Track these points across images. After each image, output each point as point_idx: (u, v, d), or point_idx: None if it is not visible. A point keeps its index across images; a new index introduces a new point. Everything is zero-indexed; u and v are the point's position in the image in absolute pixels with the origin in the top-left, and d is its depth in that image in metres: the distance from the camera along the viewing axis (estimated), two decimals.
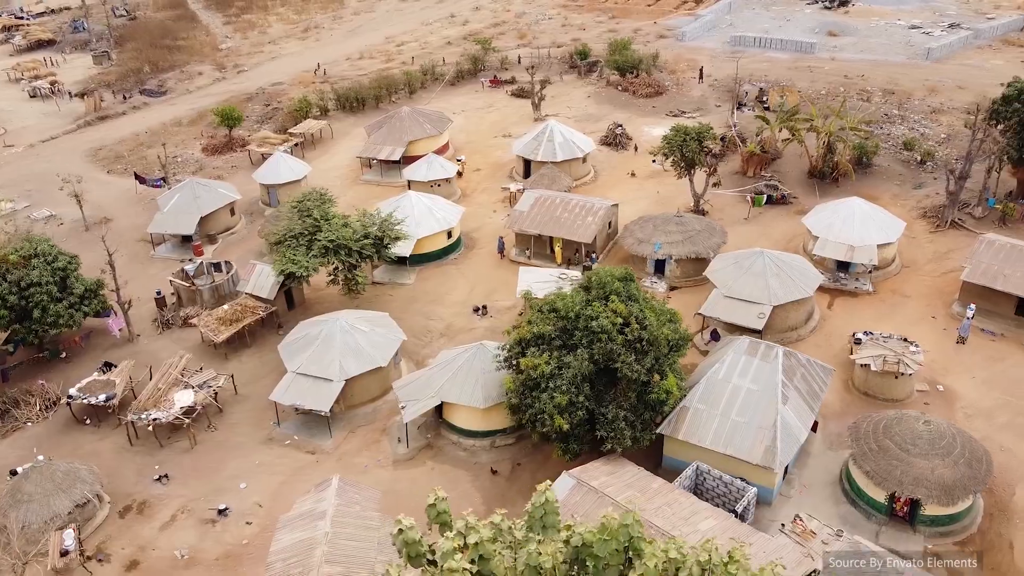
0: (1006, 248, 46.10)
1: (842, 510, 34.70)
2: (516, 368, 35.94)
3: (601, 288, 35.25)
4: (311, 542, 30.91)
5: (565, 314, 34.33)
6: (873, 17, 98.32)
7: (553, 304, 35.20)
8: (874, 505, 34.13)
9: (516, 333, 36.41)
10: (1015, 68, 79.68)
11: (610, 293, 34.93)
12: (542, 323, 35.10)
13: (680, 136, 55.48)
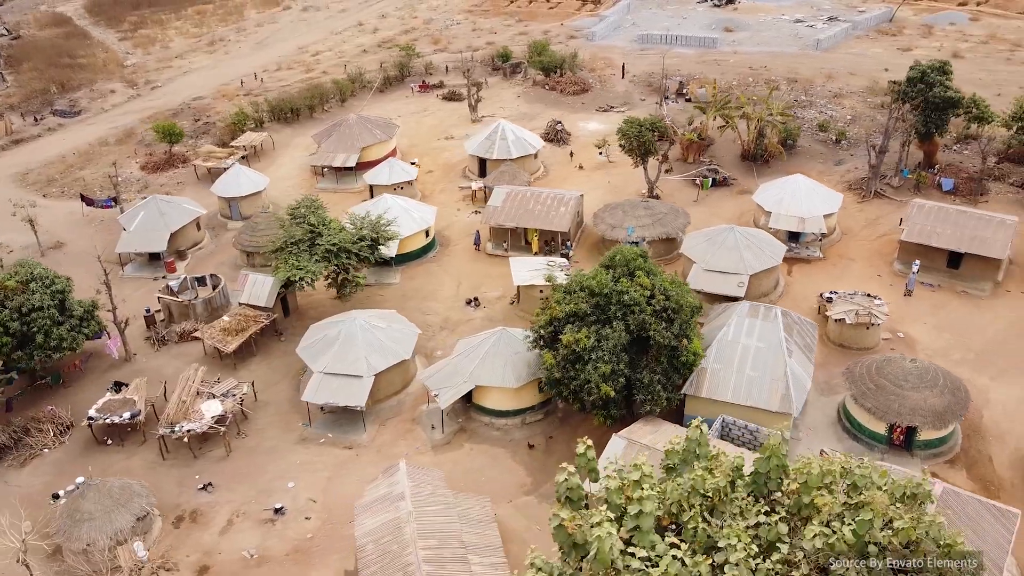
0: (935, 210, 52.73)
1: (847, 445, 39.44)
2: (550, 345, 38.79)
3: (625, 266, 38.59)
4: (398, 521, 32.77)
5: (599, 291, 37.44)
6: (760, 13, 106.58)
7: (586, 283, 38.21)
8: (875, 437, 39.06)
9: (547, 313, 39.24)
10: (893, 55, 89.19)
11: (635, 269, 38.35)
12: (574, 302, 38.06)
13: (635, 127, 59.65)
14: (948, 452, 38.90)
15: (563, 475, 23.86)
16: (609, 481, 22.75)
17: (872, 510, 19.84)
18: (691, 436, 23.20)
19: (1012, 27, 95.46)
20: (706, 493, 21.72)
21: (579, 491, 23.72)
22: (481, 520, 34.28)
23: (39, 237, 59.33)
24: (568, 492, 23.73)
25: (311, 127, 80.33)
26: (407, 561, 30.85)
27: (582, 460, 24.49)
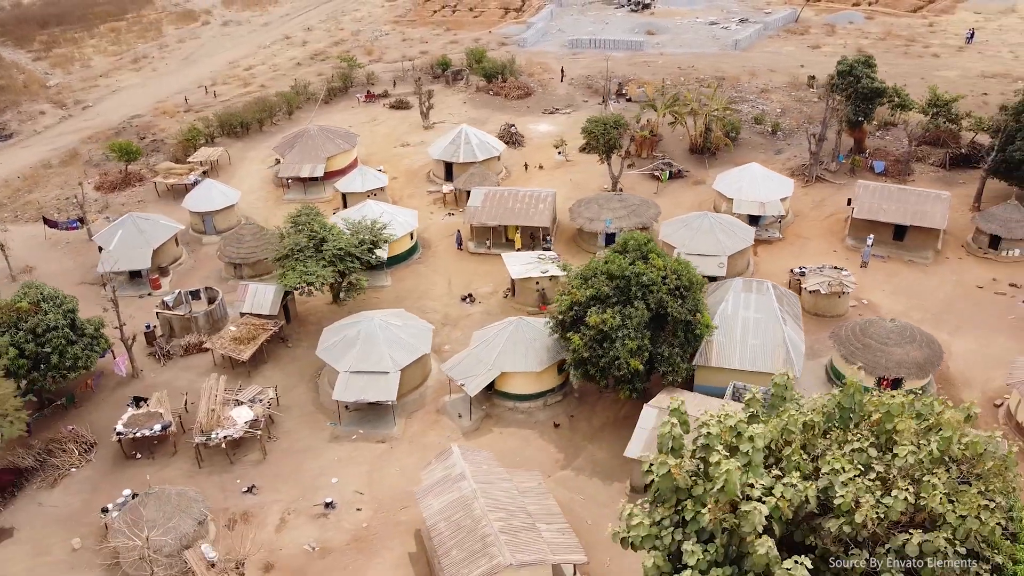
0: (879, 189, 58.40)
1: None
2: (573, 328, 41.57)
3: (638, 250, 41.80)
4: (465, 499, 34.85)
5: (620, 274, 40.49)
6: (675, 17, 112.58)
7: (604, 268, 41.16)
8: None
9: (567, 299, 42.02)
10: (804, 52, 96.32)
11: (648, 252, 41.63)
12: (595, 286, 40.97)
13: (600, 126, 63.21)
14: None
15: (667, 427, 26.74)
16: (711, 427, 25.72)
17: (951, 428, 23.61)
18: (779, 383, 26.53)
19: (903, 24, 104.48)
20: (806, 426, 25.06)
21: (680, 440, 26.68)
22: (537, 492, 36.74)
23: (10, 262, 57.89)
24: (672, 442, 26.64)
25: (262, 140, 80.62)
26: (484, 533, 32.99)
27: (676, 414, 27.36)
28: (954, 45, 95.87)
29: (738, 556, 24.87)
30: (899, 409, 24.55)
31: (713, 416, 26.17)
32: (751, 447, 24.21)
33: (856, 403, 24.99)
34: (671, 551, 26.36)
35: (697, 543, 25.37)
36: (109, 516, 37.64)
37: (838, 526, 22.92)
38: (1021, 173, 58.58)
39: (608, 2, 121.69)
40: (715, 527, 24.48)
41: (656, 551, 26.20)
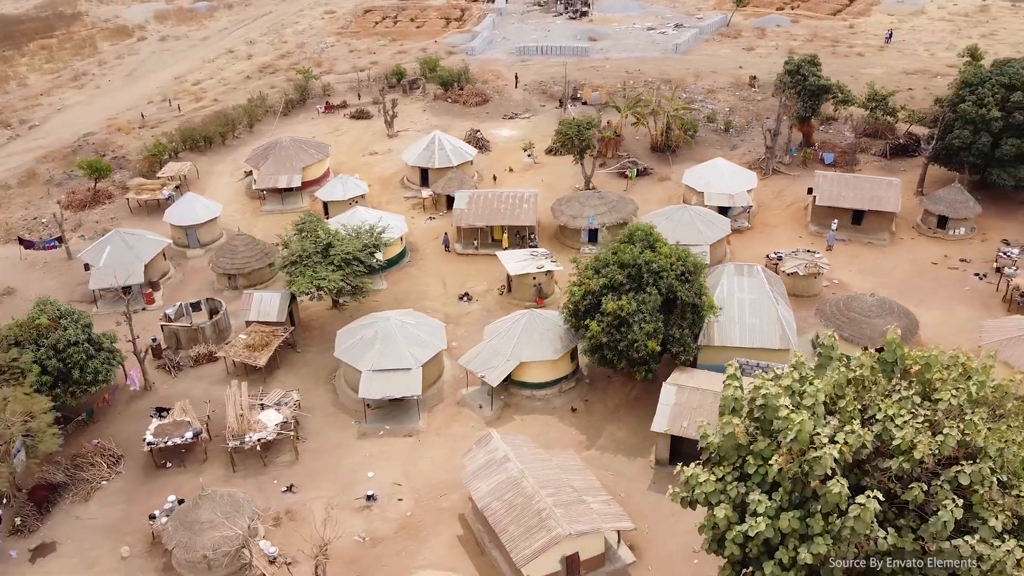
0: (837, 178, 63.10)
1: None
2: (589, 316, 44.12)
3: (644, 240, 44.67)
4: (513, 480, 36.90)
5: (632, 263, 43.23)
6: (613, 23, 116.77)
7: (617, 258, 43.82)
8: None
9: (581, 288, 44.55)
10: (740, 54, 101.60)
11: (654, 241, 44.55)
12: (608, 275, 43.56)
13: (574, 127, 66.11)
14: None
15: (730, 390, 29.59)
16: (768, 388, 28.59)
17: (983, 374, 27.13)
18: (827, 343, 29.62)
19: (826, 26, 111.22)
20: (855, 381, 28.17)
21: (741, 403, 29.54)
22: (577, 468, 39.06)
23: None
24: (734, 403, 29.48)
25: (226, 154, 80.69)
26: (538, 508, 35.11)
27: (734, 379, 30.22)
28: (875, 45, 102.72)
29: (802, 501, 27.71)
30: (936, 361, 27.96)
31: (766, 379, 29.09)
32: (814, 400, 27.08)
33: (898, 358, 28.25)
34: (736, 504, 29.03)
35: (762, 493, 28.06)
36: (158, 522, 38.14)
37: (898, 464, 25.97)
38: (959, 159, 64.10)
39: (547, 10, 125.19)
40: (783, 476, 27.22)
41: (723, 504, 28.75)
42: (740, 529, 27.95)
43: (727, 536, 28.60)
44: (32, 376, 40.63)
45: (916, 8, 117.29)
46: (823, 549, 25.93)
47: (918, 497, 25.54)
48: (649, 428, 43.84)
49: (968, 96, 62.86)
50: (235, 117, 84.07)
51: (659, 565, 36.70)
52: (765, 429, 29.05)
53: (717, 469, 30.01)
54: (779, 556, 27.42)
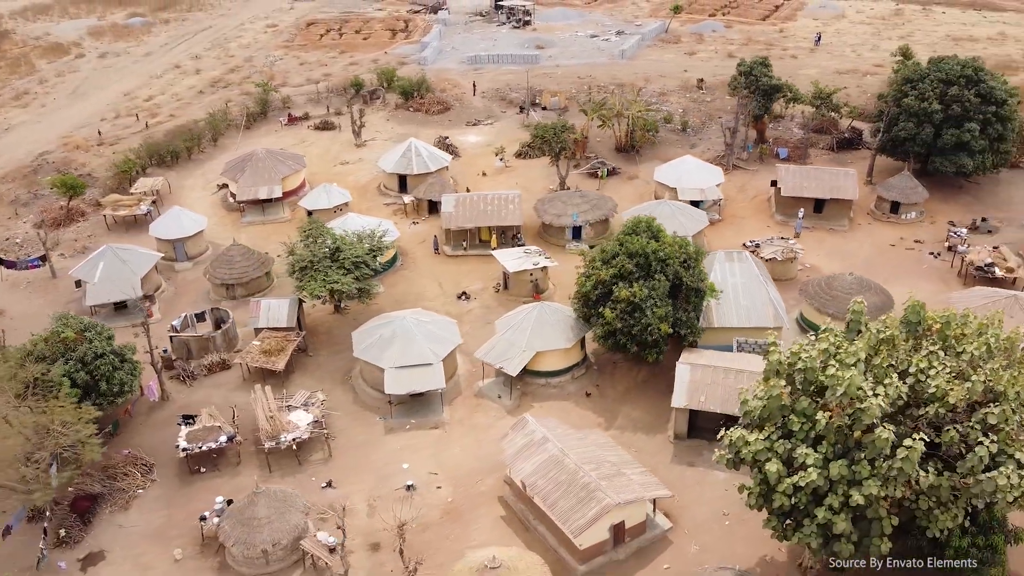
0: (799, 171, 67.63)
1: None
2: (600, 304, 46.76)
3: (648, 231, 47.60)
4: (555, 459, 39.16)
5: (640, 252, 46.07)
6: (555, 31, 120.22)
7: (625, 249, 46.56)
8: None
9: (592, 279, 47.16)
10: (683, 59, 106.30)
11: (657, 232, 47.54)
12: (618, 265, 46.27)
13: (551, 131, 68.89)
14: None
15: (775, 355, 32.62)
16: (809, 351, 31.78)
17: (997, 328, 30.87)
18: (856, 309, 32.97)
19: (759, 31, 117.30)
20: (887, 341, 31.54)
21: (785, 367, 32.61)
22: (609, 445, 41.55)
23: None
24: (777, 367, 32.52)
25: (194, 168, 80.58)
26: (584, 482, 37.45)
27: (775, 347, 33.31)
28: (806, 47, 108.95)
29: (844, 451, 30.91)
30: (954, 318, 31.61)
31: (803, 346, 32.26)
32: (856, 359, 30.30)
33: (921, 318, 31.77)
34: (783, 459, 32.06)
35: (808, 447, 31.17)
36: (209, 523, 38.90)
37: (934, 410, 29.45)
38: (905, 149, 69.51)
39: (489, 20, 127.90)
40: (829, 429, 30.35)
41: (773, 460, 31.71)
42: (791, 481, 30.94)
43: (777, 489, 31.54)
44: (64, 389, 40.75)
45: (837, 13, 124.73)
46: (874, 490, 29.10)
47: (954, 438, 29.02)
48: (661, 407, 47.00)
49: (910, 91, 68.26)
50: (200, 131, 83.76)
51: (693, 529, 39.48)
52: (805, 390, 32.22)
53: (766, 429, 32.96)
54: (828, 502, 30.48)
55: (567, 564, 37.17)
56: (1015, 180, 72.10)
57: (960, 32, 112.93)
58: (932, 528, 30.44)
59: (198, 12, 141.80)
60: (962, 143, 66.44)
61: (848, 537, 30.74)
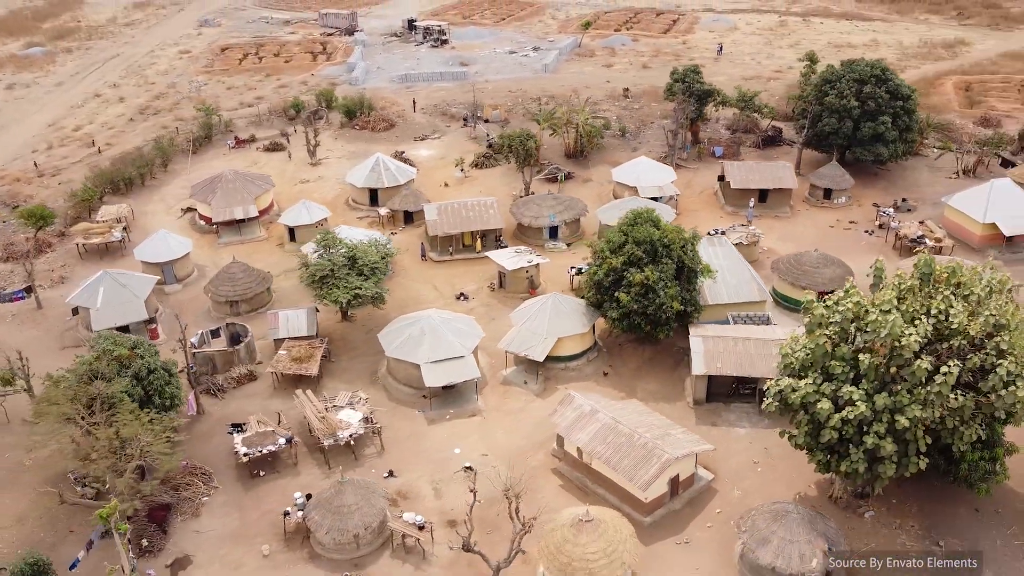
0: (743, 166, 74.65)
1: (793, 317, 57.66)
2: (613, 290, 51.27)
3: (649, 220, 52.52)
4: (609, 425, 43.20)
5: (647, 239, 50.88)
6: (474, 49, 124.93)
7: (632, 237, 51.23)
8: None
9: (604, 266, 51.58)
10: (602, 71, 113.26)
11: (657, 221, 52.54)
12: (627, 253, 50.89)
13: (518, 140, 73.17)
14: None
15: (819, 310, 38.01)
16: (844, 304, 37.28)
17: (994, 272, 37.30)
18: (879, 267, 38.78)
19: (664, 43, 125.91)
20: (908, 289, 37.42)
21: (825, 318, 38.01)
22: (647, 412, 45.97)
23: None
24: (820, 320, 37.91)
25: (149, 194, 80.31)
26: (642, 443, 41.64)
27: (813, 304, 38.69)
28: (710, 57, 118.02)
29: (882, 385, 36.47)
30: (959, 267, 37.91)
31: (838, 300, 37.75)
32: (891, 305, 35.97)
33: (932, 270, 37.85)
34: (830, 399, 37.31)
35: (851, 385, 36.59)
36: (294, 516, 40.66)
37: (958, 342, 35.39)
38: (829, 142, 77.85)
39: (405, 40, 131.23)
40: (870, 368, 35.82)
41: (823, 400, 36.91)
42: (840, 415, 36.19)
43: (828, 424, 36.75)
44: (127, 404, 41.50)
45: (729, 26, 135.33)
46: (917, 413, 34.68)
47: (976, 363, 35.01)
48: (672, 379, 52.13)
49: (830, 91, 76.68)
50: (151, 157, 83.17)
51: (731, 478, 44.35)
52: (843, 338, 37.68)
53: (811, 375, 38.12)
54: (875, 429, 35.87)
55: (632, 518, 41.10)
56: (918, 165, 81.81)
57: (839, 40, 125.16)
58: (957, 444, 36.43)
59: (100, 40, 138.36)
60: (878, 134, 75.23)
61: (891, 458, 36.30)
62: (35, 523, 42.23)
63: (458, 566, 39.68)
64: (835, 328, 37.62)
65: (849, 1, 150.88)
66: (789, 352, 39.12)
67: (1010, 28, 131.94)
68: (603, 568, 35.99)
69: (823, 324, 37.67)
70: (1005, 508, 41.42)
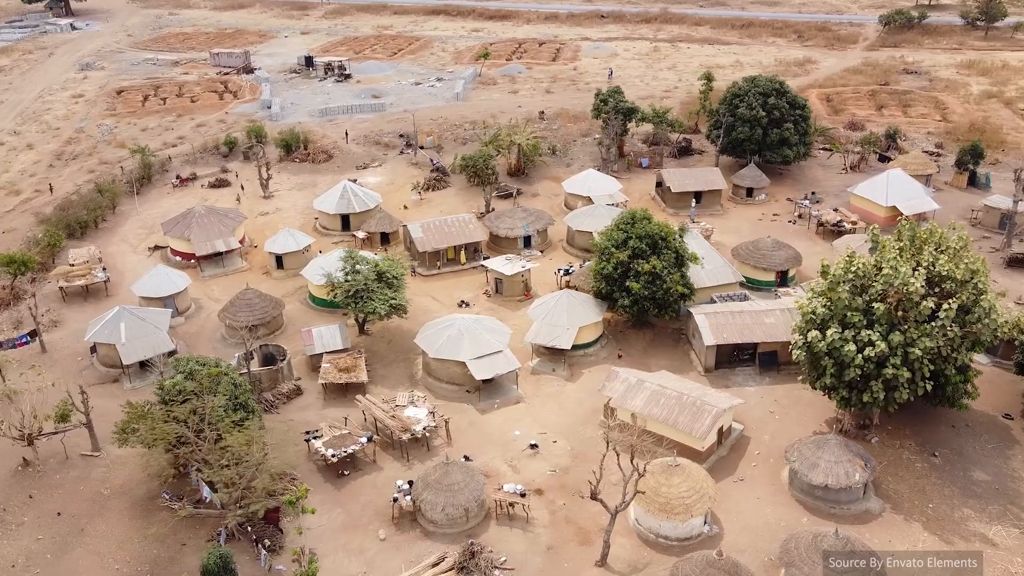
0: (679, 172, 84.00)
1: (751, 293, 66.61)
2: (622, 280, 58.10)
3: (645, 219, 59.85)
4: (658, 391, 49.85)
5: (648, 233, 58.13)
6: (378, 83, 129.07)
7: (633, 232, 58.28)
8: (767, 284, 66.96)
9: (612, 261, 58.30)
10: (509, 97, 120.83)
11: (648, 218, 59.97)
12: (630, 247, 57.91)
13: (480, 161, 79.01)
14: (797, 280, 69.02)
15: (840, 269, 46.27)
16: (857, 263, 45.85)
17: (960, 231, 47.08)
18: (875, 233, 47.69)
19: (556, 70, 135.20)
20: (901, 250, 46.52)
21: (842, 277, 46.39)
22: (679, 379, 52.87)
23: None
24: (841, 277, 46.27)
25: (107, 236, 79.84)
26: (691, 401, 48.49)
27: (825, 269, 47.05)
28: (602, 80, 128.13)
29: (891, 327, 45.15)
30: (935, 230, 47.41)
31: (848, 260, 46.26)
32: (896, 262, 44.81)
33: (915, 232, 47.17)
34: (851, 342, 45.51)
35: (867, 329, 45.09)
36: (403, 501, 44.36)
37: (949, 285, 44.63)
38: (743, 148, 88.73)
39: (306, 76, 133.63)
40: (882, 313, 44.44)
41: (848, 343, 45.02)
42: (865, 354, 44.50)
43: (853, 363, 44.95)
44: (229, 418, 43.84)
45: (610, 52, 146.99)
46: (929, 343, 43.49)
47: (964, 300, 44.32)
48: (677, 354, 59.77)
49: (740, 104, 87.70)
50: (99, 201, 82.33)
51: (757, 426, 51.94)
52: (856, 292, 46.18)
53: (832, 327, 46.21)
54: (892, 362, 44.42)
55: None
56: (813, 165, 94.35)
57: (709, 62, 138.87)
58: (949, 369, 45.60)
59: None
60: (784, 139, 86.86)
61: (903, 384, 44.97)
62: (142, 543, 43.44)
63: (558, 525, 44.81)
64: (851, 285, 46.08)
65: (706, 28, 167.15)
66: (808, 310, 47.26)
67: (843, 48, 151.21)
68: (695, 503, 42.38)
69: (842, 282, 46.07)
70: (973, 422, 51.38)
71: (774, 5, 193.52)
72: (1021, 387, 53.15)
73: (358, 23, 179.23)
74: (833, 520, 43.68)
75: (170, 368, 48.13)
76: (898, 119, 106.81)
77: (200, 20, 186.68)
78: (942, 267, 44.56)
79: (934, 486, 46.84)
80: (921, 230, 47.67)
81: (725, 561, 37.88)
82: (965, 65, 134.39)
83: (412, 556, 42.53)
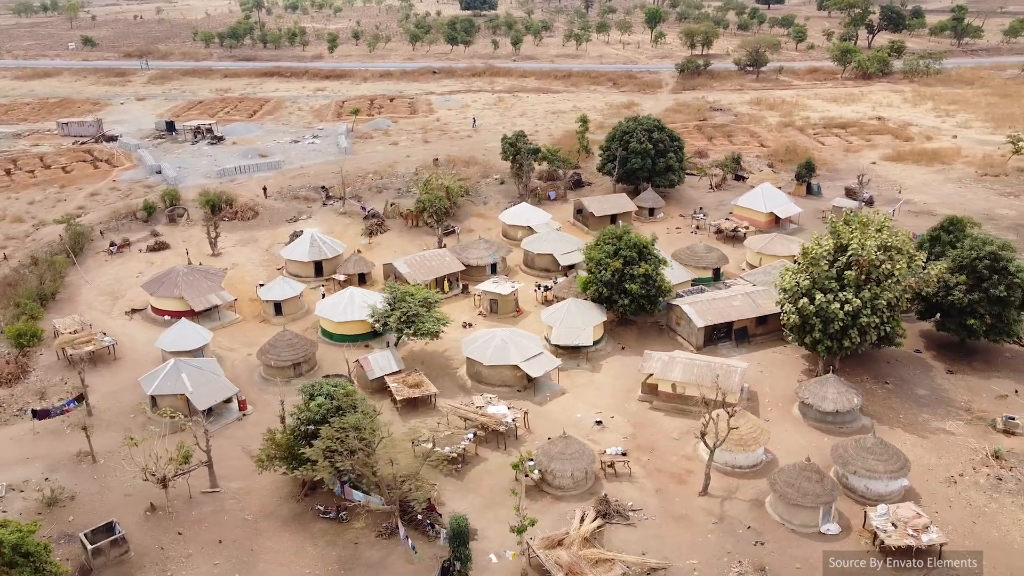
0: (596, 199, 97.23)
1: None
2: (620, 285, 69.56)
3: (626, 232, 71.90)
4: (689, 364, 61.62)
5: (635, 244, 70.16)
6: (255, 142, 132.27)
7: (623, 244, 70.00)
8: (704, 280, 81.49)
9: (609, 269, 69.57)
10: (392, 149, 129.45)
11: (629, 231, 72.15)
12: (622, 256, 69.60)
13: (435, 201, 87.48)
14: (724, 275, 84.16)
15: (815, 249, 61.04)
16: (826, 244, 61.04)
17: (883, 215, 63.72)
18: (833, 222, 63.03)
19: (424, 122, 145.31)
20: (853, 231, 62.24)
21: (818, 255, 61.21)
22: (694, 354, 64.87)
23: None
24: (817, 254, 61.01)
25: (71, 306, 78.70)
26: (719, 364, 60.67)
27: (809, 248, 61.76)
28: (468, 129, 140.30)
29: (859, 288, 60.43)
30: (873, 218, 63.60)
31: (817, 241, 61.19)
32: (860, 237, 60.23)
33: (858, 220, 63.02)
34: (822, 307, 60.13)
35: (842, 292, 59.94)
36: (533, 475, 52.16)
37: (893, 253, 60.63)
38: (636, 176, 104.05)
39: (175, 140, 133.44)
40: (851, 278, 59.61)
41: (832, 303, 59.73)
42: (845, 310, 59.23)
43: (836, 317, 59.55)
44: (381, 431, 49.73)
45: (461, 104, 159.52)
46: (889, 295, 59.07)
47: (907, 262, 60.45)
48: (665, 340, 71.69)
49: (631, 139, 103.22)
50: (47, 274, 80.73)
51: (756, 383, 64.97)
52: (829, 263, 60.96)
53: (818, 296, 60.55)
54: (864, 312, 59.52)
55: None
56: (686, 187, 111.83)
57: (553, 108, 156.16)
58: (896, 314, 61.45)
59: None
60: (669, 167, 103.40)
61: (872, 329, 60.07)
62: (316, 549, 47.78)
63: (652, 474, 54.76)
64: (826, 259, 60.76)
65: (532, 79, 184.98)
66: (789, 285, 61.49)
67: (653, 92, 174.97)
68: (759, 436, 54.38)
69: (820, 257, 60.66)
70: (901, 358, 67.99)
71: (576, 58, 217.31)
72: (917, 329, 71.07)
73: (193, 87, 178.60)
74: (843, 436, 57.42)
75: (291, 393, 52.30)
76: (729, 147, 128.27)
77: (10, 91, 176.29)
78: (886, 240, 60.46)
79: (896, 403, 62.32)
80: (860, 215, 63.72)
81: (812, 465, 50.00)
82: (755, 102, 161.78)
83: (555, 517, 50.54)
